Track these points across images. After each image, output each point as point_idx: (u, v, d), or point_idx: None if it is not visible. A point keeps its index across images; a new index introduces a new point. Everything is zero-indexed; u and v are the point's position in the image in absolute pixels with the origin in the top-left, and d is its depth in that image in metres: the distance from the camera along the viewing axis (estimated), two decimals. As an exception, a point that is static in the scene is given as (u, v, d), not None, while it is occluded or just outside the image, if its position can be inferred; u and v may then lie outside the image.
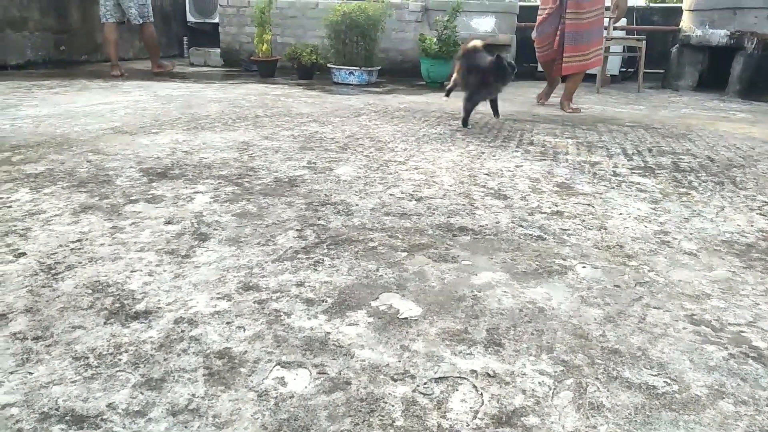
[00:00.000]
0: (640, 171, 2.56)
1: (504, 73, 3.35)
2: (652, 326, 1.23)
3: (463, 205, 2.00)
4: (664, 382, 1.04)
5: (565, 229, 1.79)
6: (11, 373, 0.99)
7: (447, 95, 4.10)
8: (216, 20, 7.51)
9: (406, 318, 1.23)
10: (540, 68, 6.93)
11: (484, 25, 6.28)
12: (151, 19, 6.02)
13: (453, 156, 2.72)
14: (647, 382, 1.04)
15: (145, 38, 6.10)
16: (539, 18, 4.38)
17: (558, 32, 4.24)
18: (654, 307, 1.32)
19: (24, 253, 1.48)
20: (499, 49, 6.55)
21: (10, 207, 1.81)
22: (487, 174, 2.42)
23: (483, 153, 2.81)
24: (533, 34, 4.46)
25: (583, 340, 1.17)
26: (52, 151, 2.58)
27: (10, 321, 1.16)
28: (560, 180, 2.36)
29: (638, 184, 2.35)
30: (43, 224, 1.68)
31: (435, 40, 5.58)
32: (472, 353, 1.11)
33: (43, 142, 2.75)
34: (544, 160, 2.72)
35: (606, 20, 4.80)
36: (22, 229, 1.63)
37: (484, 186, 2.24)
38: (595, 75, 5.86)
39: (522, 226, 1.81)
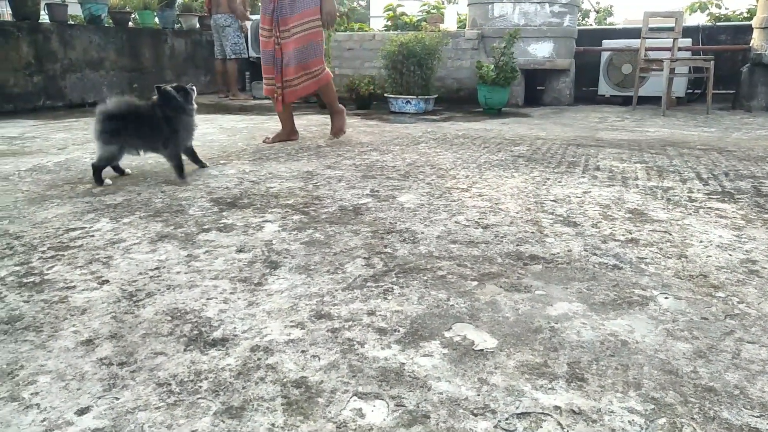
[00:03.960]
0: (718, 196, 2.44)
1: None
2: (749, 362, 1.15)
3: (532, 232, 1.95)
4: (769, 424, 0.96)
5: (642, 258, 1.71)
6: (99, 398, 1.02)
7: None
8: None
9: (482, 350, 1.19)
10: (601, 91, 6.81)
11: (541, 50, 6.23)
12: (243, 56, 7.34)
13: (517, 182, 2.68)
14: (749, 424, 0.96)
15: (228, 70, 7.35)
16: (262, 42, 3.78)
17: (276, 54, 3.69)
18: (748, 342, 1.23)
19: (107, 281, 1.54)
20: (558, 74, 6.49)
21: (93, 236, 1.91)
22: (554, 200, 2.36)
23: (548, 179, 2.75)
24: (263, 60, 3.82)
25: (673, 376, 1.10)
26: (129, 182, 2.71)
27: (97, 347, 1.20)
28: (632, 206, 2.27)
29: (717, 209, 2.23)
30: (124, 252, 1.75)
31: (492, 66, 5.58)
32: (554, 388, 1.06)
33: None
34: (613, 185, 2.63)
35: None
36: (105, 258, 1.71)
37: (552, 213, 2.18)
38: (660, 97, 5.69)
39: (596, 255, 1.74)
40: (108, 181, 2.66)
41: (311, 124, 4.95)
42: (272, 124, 4.88)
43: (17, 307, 1.38)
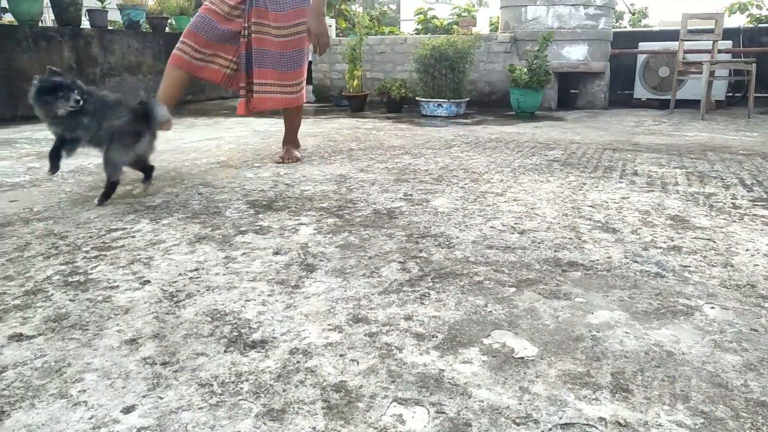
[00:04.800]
0: (764, 203, 2.36)
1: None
2: (803, 377, 1.10)
3: (570, 238, 1.92)
4: (828, 442, 0.92)
5: (685, 266, 1.67)
6: (144, 396, 1.04)
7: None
8: (309, 59, 7.87)
9: (522, 358, 1.18)
10: (637, 95, 6.66)
11: (575, 53, 6.14)
12: None
13: (552, 187, 2.64)
14: (806, 441, 0.92)
15: None
16: (208, 9, 2.98)
17: (240, 45, 3.00)
18: (802, 356, 1.18)
19: (149, 281, 1.57)
20: (592, 77, 6.38)
21: (134, 237, 1.95)
22: (591, 206, 2.32)
23: (584, 184, 2.70)
24: (192, 27, 3.00)
25: (723, 389, 1.07)
26: (167, 184, 2.76)
27: (140, 346, 1.22)
28: (673, 212, 2.22)
29: (763, 217, 2.16)
30: (164, 253, 1.79)
31: (525, 70, 5.52)
32: (598, 399, 1.04)
33: (159, 176, 2.95)
34: (652, 191, 2.57)
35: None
36: (146, 258, 1.74)
37: (589, 219, 2.14)
38: (699, 101, 5.54)
39: (637, 262, 1.70)
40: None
41: (342, 127, 4.97)
42: (305, 127, 4.92)
43: (63, 305, 1.42)
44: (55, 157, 2.41)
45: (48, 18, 9.23)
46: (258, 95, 3.06)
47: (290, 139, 3.45)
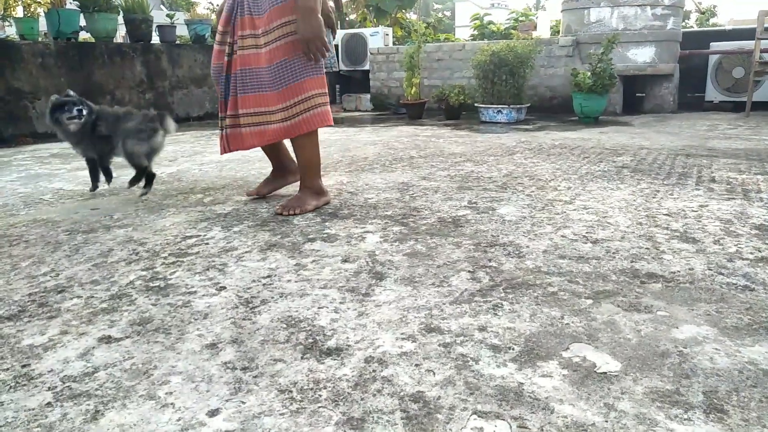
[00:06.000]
0: None
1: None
2: None
3: (647, 248, 1.84)
4: None
5: (776, 279, 1.57)
6: (227, 400, 1.07)
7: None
8: (366, 68, 7.95)
9: (605, 373, 1.13)
10: (709, 97, 6.36)
11: (642, 55, 5.93)
12: (333, 69, 7.16)
13: (624, 195, 2.55)
14: None
15: None
16: (214, 51, 2.45)
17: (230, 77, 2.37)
18: None
19: (224, 287, 1.61)
20: (660, 79, 6.14)
21: (207, 244, 2.01)
22: (667, 214, 2.22)
23: (658, 191, 2.60)
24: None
25: (831, 413, 0.99)
26: (236, 192, 2.84)
27: (220, 350, 1.26)
28: (758, 222, 2.09)
29: None
30: (237, 260, 1.84)
31: (588, 74, 5.38)
32: (690, 419, 0.98)
33: (227, 184, 3.05)
34: (733, 199, 2.44)
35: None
36: (220, 264, 1.80)
37: (666, 228, 2.05)
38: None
39: (722, 274, 1.61)
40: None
41: (402, 135, 4.99)
42: (364, 136, 4.97)
43: (147, 309, 1.48)
44: (94, 178, 2.90)
45: (119, 35, 9.73)
46: (233, 130, 2.37)
47: (304, 182, 2.46)
